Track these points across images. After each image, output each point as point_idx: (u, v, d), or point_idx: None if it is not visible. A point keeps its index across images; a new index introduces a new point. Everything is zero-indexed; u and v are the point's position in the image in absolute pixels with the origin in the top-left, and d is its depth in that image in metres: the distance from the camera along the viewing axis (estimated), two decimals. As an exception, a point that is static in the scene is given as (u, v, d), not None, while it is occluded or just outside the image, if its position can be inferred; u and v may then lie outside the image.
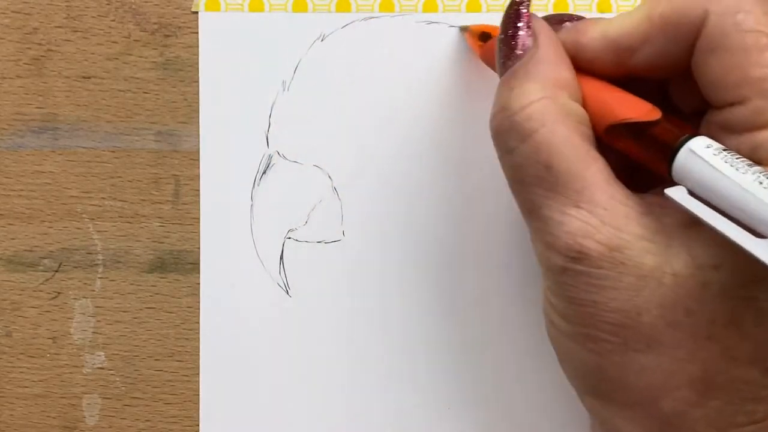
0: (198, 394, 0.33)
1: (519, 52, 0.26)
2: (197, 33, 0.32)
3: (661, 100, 0.27)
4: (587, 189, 0.23)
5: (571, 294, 0.23)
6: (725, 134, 0.23)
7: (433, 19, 0.32)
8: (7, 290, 0.33)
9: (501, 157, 0.25)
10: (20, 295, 0.33)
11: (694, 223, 0.22)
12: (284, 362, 0.33)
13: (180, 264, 0.33)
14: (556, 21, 0.27)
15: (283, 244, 0.33)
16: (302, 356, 0.32)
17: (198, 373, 0.33)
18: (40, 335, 0.33)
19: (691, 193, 0.22)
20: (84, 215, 0.33)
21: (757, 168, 0.21)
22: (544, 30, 0.26)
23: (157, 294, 0.33)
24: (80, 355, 0.33)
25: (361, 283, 0.32)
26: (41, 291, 0.33)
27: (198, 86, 0.33)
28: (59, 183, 0.33)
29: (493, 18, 0.32)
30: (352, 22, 0.32)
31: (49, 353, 0.33)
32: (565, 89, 0.25)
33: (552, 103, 0.24)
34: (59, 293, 0.33)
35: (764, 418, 0.23)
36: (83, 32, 0.33)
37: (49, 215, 0.33)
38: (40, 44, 0.33)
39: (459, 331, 0.32)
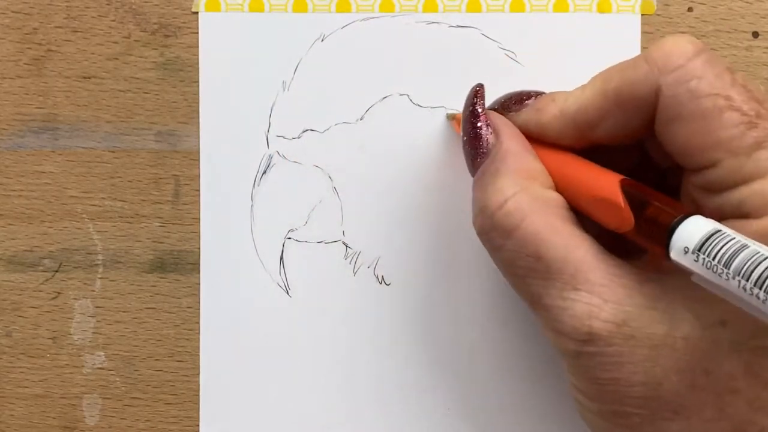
0: (198, 394, 0.33)
1: (484, 151, 0.27)
2: (197, 33, 0.32)
3: (639, 157, 0.27)
4: (581, 271, 0.24)
5: (591, 375, 0.24)
6: (707, 194, 0.23)
7: (433, 19, 0.32)
8: (7, 290, 0.33)
9: (491, 255, 0.26)
10: (20, 295, 0.33)
11: (692, 283, 0.22)
12: (284, 362, 0.33)
13: (180, 264, 0.33)
14: (517, 100, 0.28)
15: (283, 244, 0.33)
16: (302, 356, 0.32)
17: (198, 373, 0.33)
18: (40, 335, 0.33)
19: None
20: (84, 215, 0.33)
21: (737, 264, 0.20)
22: (504, 124, 0.27)
23: (157, 294, 0.33)
24: (80, 355, 0.33)
25: (361, 284, 0.32)
26: (41, 291, 0.33)
27: (198, 86, 0.33)
28: (59, 183, 0.33)
29: (492, 18, 0.32)
30: (352, 22, 0.32)
31: (49, 353, 0.33)
32: (536, 179, 0.26)
33: (526, 195, 0.25)
34: (59, 293, 0.33)
35: None
36: (83, 32, 0.33)
37: (49, 215, 0.33)
38: (40, 44, 0.33)
39: (458, 333, 0.32)
